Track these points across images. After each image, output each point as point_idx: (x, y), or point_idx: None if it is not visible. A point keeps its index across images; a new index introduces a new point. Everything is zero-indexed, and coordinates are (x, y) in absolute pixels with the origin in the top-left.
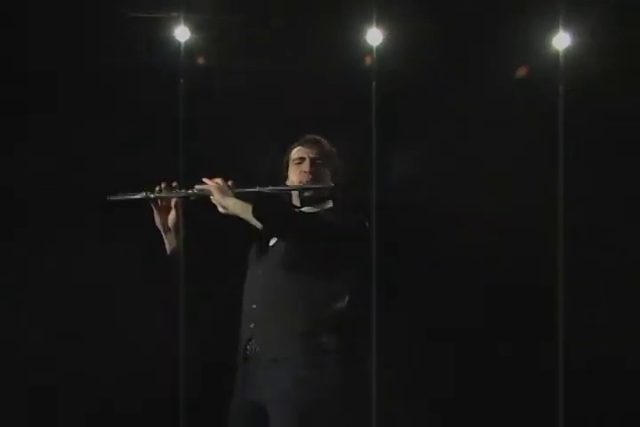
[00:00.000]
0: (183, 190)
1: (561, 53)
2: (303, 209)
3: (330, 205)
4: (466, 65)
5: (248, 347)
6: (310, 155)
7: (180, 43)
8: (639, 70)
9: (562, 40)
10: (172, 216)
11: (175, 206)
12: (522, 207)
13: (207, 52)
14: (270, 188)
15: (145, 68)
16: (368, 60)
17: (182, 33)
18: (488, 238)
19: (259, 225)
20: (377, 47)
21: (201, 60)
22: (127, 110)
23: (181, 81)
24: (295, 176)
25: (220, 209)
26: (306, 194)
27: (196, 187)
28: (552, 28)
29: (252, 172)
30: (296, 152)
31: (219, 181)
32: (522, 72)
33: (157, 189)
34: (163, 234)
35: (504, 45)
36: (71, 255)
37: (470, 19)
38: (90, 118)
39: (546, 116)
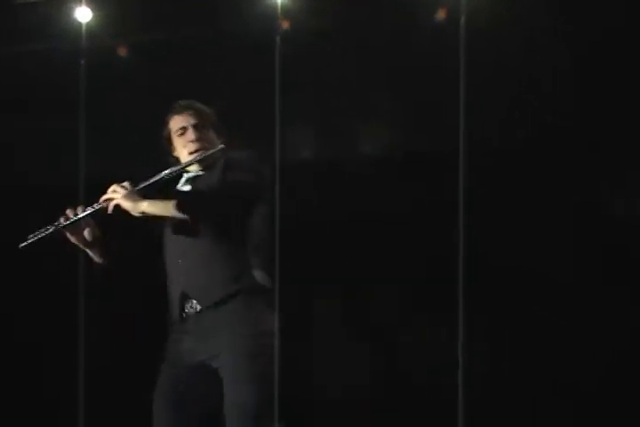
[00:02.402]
0: (89, 208)
1: None
2: (200, 173)
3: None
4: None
5: (186, 306)
6: (191, 122)
7: (81, 23)
8: None
9: None
10: (86, 232)
11: (87, 223)
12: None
13: (109, 30)
14: (169, 171)
15: (48, 51)
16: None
17: (83, 13)
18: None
19: (182, 217)
20: (282, 3)
21: (104, 39)
22: (30, 98)
23: (82, 62)
24: (183, 147)
25: (135, 213)
26: (202, 162)
27: (102, 199)
28: None
29: (159, 151)
30: (174, 123)
31: (119, 188)
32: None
33: (63, 218)
34: (85, 249)
35: None
36: None
37: None
38: None
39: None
